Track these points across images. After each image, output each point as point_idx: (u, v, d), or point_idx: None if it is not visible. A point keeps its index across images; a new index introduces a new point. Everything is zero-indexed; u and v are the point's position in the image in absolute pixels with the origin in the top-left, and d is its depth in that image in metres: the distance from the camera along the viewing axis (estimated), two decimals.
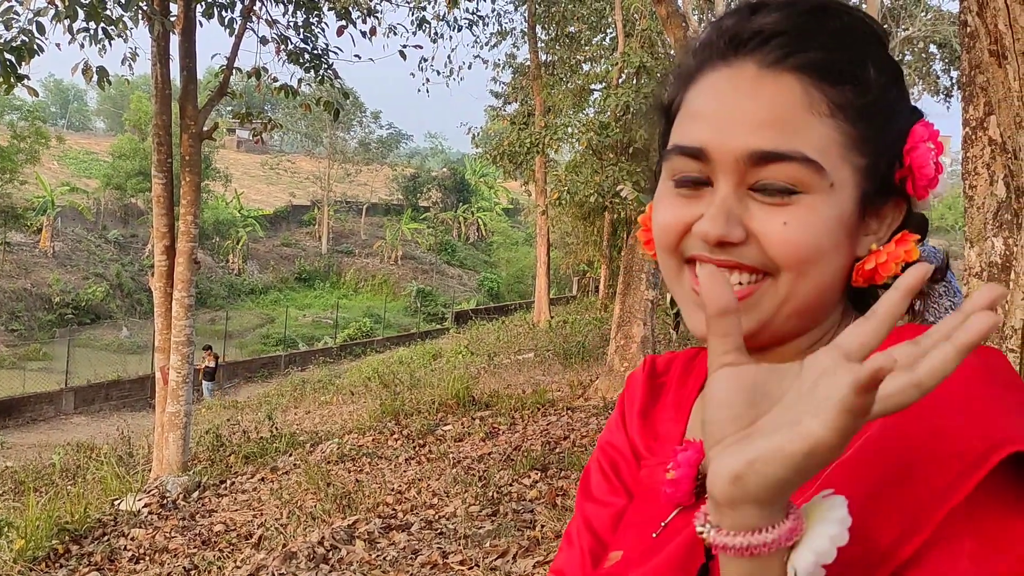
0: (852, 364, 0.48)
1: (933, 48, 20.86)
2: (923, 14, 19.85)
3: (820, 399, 0.48)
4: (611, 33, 21.06)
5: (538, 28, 21.25)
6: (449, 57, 30.07)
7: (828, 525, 0.51)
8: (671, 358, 0.92)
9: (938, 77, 21.21)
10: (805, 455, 0.48)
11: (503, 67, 24.44)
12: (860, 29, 0.69)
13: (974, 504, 0.56)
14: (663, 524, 0.76)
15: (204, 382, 20.00)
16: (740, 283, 0.68)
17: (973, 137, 3.24)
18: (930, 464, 0.57)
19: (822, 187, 0.65)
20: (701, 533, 0.54)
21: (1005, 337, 2.85)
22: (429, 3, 12.80)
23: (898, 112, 0.70)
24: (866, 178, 0.68)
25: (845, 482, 0.59)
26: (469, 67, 20.93)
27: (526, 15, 20.81)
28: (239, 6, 8.92)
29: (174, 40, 8.44)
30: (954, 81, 20.27)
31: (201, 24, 8.72)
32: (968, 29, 3.14)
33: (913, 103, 0.74)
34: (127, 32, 8.29)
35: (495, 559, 4.59)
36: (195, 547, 5.86)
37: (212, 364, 20.57)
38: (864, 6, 18.42)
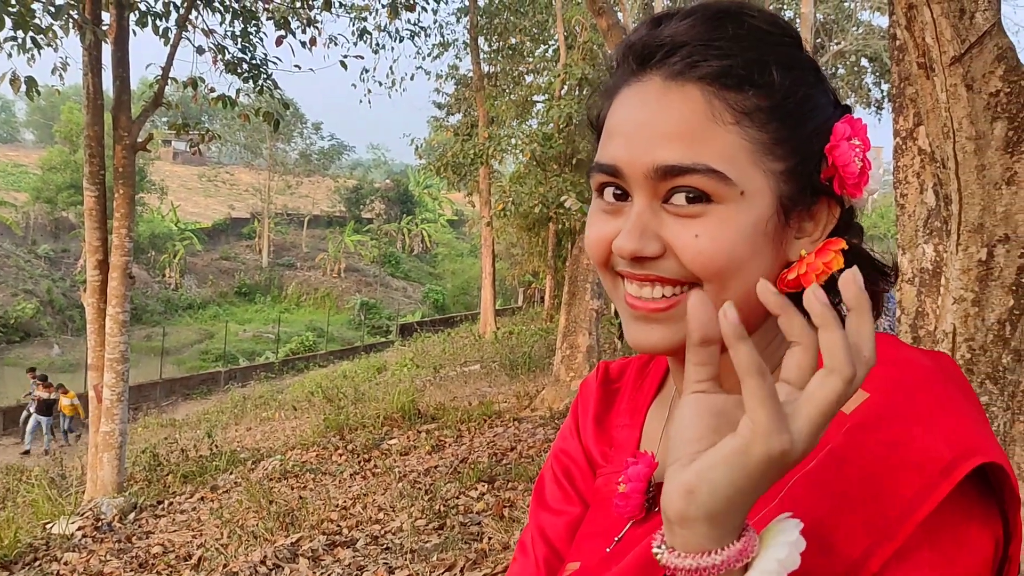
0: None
1: (865, 62, 21.49)
2: (855, 29, 20.45)
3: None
4: (553, 45, 21.24)
5: (480, 40, 21.31)
6: (391, 68, 29.96)
7: (778, 548, 0.51)
8: (625, 364, 0.92)
9: (869, 90, 21.86)
10: (751, 462, 0.49)
11: (446, 78, 24.45)
12: (763, 31, 0.68)
13: (937, 511, 0.57)
14: (616, 539, 0.75)
15: (38, 417, 16.95)
16: (664, 295, 0.68)
17: (903, 147, 3.33)
18: (895, 475, 0.57)
19: (732, 196, 0.64)
20: (656, 554, 0.54)
21: (937, 341, 2.91)
22: (370, 14, 12.74)
23: (814, 110, 0.68)
24: (786, 181, 0.67)
25: (808, 495, 0.59)
26: (411, 78, 20.92)
27: (468, 27, 20.85)
28: (174, 15, 8.75)
29: (106, 49, 8.24)
30: (885, 93, 20.92)
31: (135, 33, 8.54)
32: (897, 42, 3.23)
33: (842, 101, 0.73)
34: (57, 41, 8.08)
35: (443, 573, 4.55)
36: (132, 570, 5.69)
37: (48, 396, 17.14)
38: (797, 22, 18.92)
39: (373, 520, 5.82)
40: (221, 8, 9.17)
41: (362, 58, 12.20)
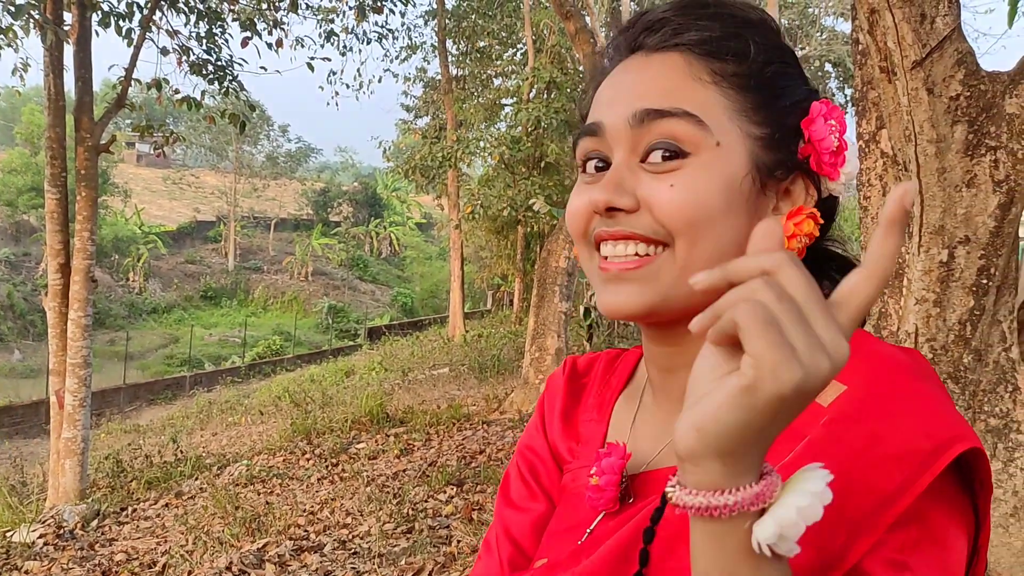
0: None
1: (828, 67, 21.80)
2: (818, 34, 20.75)
3: None
4: (521, 48, 21.28)
5: (448, 42, 21.29)
6: (359, 70, 29.87)
7: (799, 496, 0.48)
8: (592, 359, 0.91)
9: (833, 94, 22.17)
10: (759, 401, 0.45)
11: (414, 81, 24.37)
12: (741, 14, 0.71)
13: (919, 500, 0.57)
14: (588, 531, 0.75)
15: None
16: (636, 254, 0.68)
17: (866, 150, 3.38)
18: (875, 468, 0.58)
19: (708, 145, 0.66)
20: (668, 493, 0.51)
21: (899, 342, 2.95)
22: (337, 16, 12.66)
23: (790, 86, 0.71)
24: (762, 148, 0.68)
25: None
26: (379, 80, 20.77)
27: (436, 29, 20.82)
28: (137, 15, 8.63)
29: (68, 50, 8.10)
30: (848, 98, 21.23)
31: (97, 34, 8.39)
32: (860, 47, 3.28)
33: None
34: (18, 41, 7.94)
35: None
36: None
37: None
38: None
39: (341, 525, 5.78)
40: (186, 9, 9.06)
41: (329, 60, 12.13)
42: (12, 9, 7.31)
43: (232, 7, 9.58)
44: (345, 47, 13.44)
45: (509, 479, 0.89)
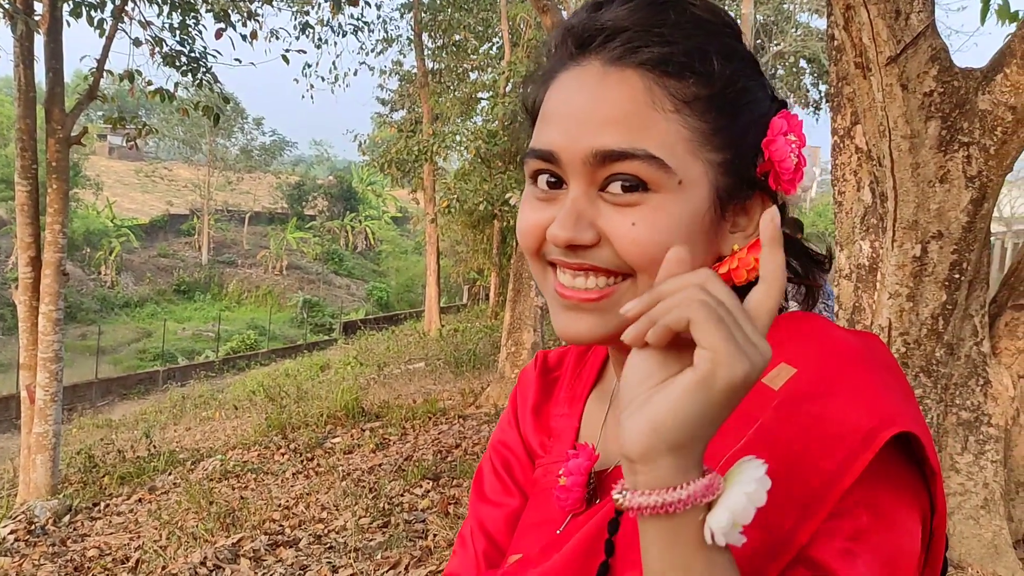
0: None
1: (803, 63, 21.95)
2: (794, 30, 20.90)
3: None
4: (497, 42, 21.24)
5: (424, 36, 21.20)
6: (334, 63, 29.73)
7: (745, 484, 0.50)
8: (563, 353, 0.92)
9: (808, 90, 22.33)
10: (714, 392, 0.49)
11: (389, 74, 24.24)
12: (704, 20, 0.68)
13: (866, 481, 0.58)
14: (558, 532, 0.75)
15: None
16: (597, 285, 0.67)
17: (841, 145, 3.41)
18: (819, 448, 0.59)
19: (670, 185, 0.64)
20: (617, 500, 0.53)
21: None
22: (312, 8, 12.56)
23: (752, 103, 0.69)
24: (723, 173, 0.67)
25: None
26: (355, 73, 20.68)
27: (412, 23, 20.73)
28: (109, 6, 8.51)
29: (39, 40, 7.98)
30: (822, 94, 21.40)
31: (68, 24, 8.27)
32: (835, 42, 3.30)
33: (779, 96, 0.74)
34: None
35: (387, 571, 4.52)
36: (66, 574, 5.54)
37: None
38: (739, 22, 19.30)
39: (316, 519, 5.75)
40: None
41: (304, 52, 12.07)
42: None
43: None
44: (320, 39, 13.37)
45: (483, 474, 0.90)
